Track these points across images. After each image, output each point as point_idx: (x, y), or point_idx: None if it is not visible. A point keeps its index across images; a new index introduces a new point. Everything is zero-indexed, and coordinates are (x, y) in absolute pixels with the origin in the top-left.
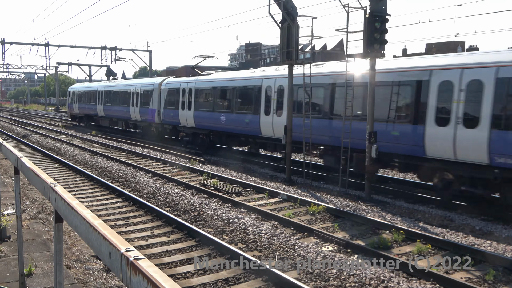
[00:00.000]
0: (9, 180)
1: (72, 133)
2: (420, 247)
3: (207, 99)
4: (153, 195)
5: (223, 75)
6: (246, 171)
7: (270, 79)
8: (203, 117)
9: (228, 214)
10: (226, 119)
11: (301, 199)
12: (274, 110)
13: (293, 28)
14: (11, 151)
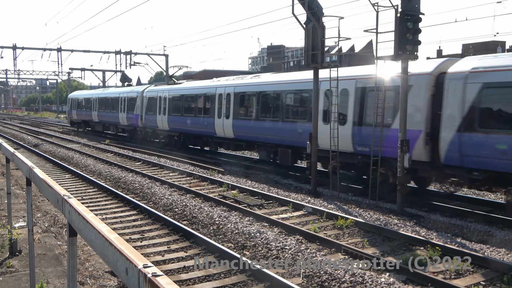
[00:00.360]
0: (20, 191)
1: (85, 142)
2: (457, 265)
3: (178, 105)
4: (169, 208)
5: (189, 84)
6: (269, 182)
7: (221, 87)
8: (175, 121)
9: (249, 228)
10: (191, 122)
11: (328, 212)
12: (224, 114)
13: (318, 29)
14: (23, 161)
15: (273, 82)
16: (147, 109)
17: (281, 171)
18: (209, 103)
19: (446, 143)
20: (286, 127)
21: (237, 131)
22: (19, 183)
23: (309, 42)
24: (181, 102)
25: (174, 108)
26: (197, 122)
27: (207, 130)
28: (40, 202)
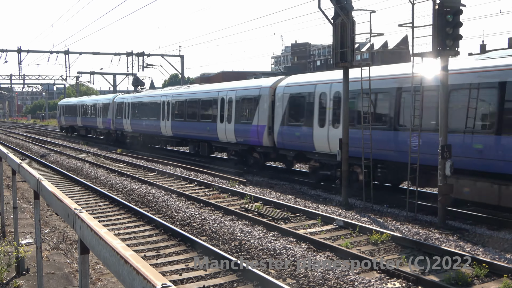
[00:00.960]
0: (26, 205)
1: (95, 151)
2: (507, 284)
3: (137, 110)
4: (187, 222)
5: (145, 93)
6: (295, 193)
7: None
8: (135, 123)
9: (275, 244)
10: (146, 124)
11: (361, 226)
12: (166, 117)
13: (347, 24)
14: (30, 173)
15: (192, 92)
16: (116, 114)
17: (308, 181)
18: (154, 109)
19: (276, 133)
20: (202, 126)
21: (175, 131)
22: (25, 196)
23: (338, 39)
24: (139, 108)
25: (135, 113)
26: (149, 124)
27: (156, 130)
28: (48, 216)
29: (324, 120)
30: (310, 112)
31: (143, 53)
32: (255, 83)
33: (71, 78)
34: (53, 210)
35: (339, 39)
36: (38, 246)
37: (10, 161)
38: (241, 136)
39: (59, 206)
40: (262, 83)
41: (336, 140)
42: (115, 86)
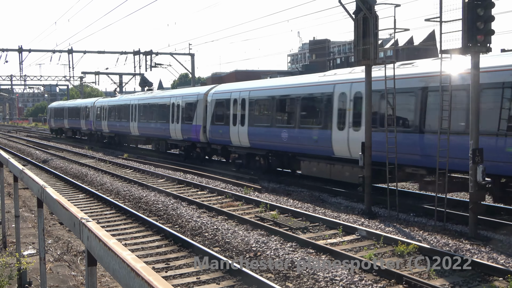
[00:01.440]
0: (28, 214)
1: (100, 156)
2: None
3: (112, 113)
4: (198, 232)
5: (120, 97)
6: (314, 200)
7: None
8: (111, 124)
9: (292, 256)
10: (119, 125)
11: (385, 236)
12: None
13: (370, 19)
14: (33, 179)
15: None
16: (96, 116)
17: (328, 188)
18: (125, 112)
19: (208, 131)
20: (160, 126)
21: (141, 131)
22: (27, 204)
23: (360, 35)
24: (113, 111)
25: (110, 115)
26: (121, 125)
27: (127, 130)
28: (52, 226)
29: (235, 121)
30: (227, 114)
31: (151, 52)
32: (195, 90)
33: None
34: (57, 219)
35: (361, 35)
36: (41, 258)
37: (11, 167)
38: (185, 134)
39: (64, 215)
40: (199, 91)
41: (243, 135)
42: (121, 87)
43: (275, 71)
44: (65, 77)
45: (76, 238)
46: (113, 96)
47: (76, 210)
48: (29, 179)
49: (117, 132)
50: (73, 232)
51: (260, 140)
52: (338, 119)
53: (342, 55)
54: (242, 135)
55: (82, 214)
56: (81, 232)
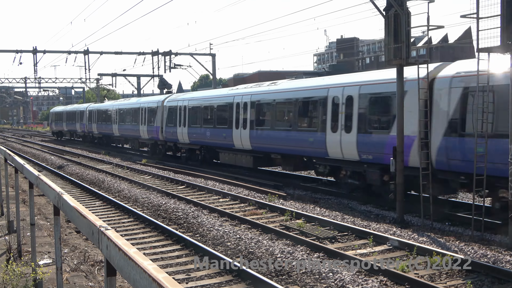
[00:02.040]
0: (43, 222)
1: (117, 162)
2: None
3: (101, 117)
4: (220, 241)
5: (107, 103)
6: (342, 208)
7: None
8: (100, 127)
9: (320, 267)
10: (104, 127)
11: (419, 247)
12: (117, 122)
13: (402, 16)
14: (50, 186)
15: (125, 103)
16: (88, 120)
17: (358, 195)
18: (108, 115)
19: (164, 131)
20: (132, 128)
21: (120, 132)
22: (42, 212)
23: (391, 33)
24: (102, 115)
25: (100, 118)
26: (106, 127)
27: (110, 132)
28: (68, 234)
29: (181, 123)
30: (176, 118)
31: (170, 52)
32: (156, 98)
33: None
34: (73, 227)
35: (392, 33)
36: (58, 267)
37: (27, 173)
38: (150, 134)
39: (82, 223)
40: (160, 98)
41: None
42: (139, 89)
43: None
44: (81, 79)
45: (93, 247)
46: (102, 102)
47: (94, 218)
48: (45, 186)
49: (104, 133)
50: (91, 241)
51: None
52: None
53: (372, 54)
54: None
55: (101, 222)
56: (99, 241)
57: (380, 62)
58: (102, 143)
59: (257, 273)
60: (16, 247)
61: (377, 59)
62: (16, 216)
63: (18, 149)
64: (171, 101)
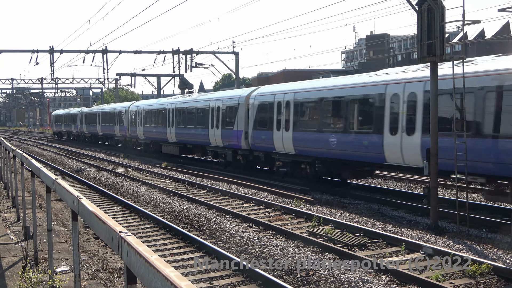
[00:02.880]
0: (60, 228)
1: (136, 165)
2: None
3: (91, 119)
4: (244, 248)
5: (96, 107)
6: (372, 214)
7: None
8: (89, 128)
9: (349, 276)
10: (92, 128)
11: (455, 254)
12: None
13: (435, 10)
14: (68, 190)
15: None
16: (81, 121)
17: (389, 200)
18: (93, 118)
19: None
20: (107, 128)
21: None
22: (59, 217)
23: (424, 28)
24: (92, 117)
25: (90, 120)
26: (92, 128)
27: (94, 131)
28: (85, 241)
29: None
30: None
31: (191, 51)
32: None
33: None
34: (91, 233)
35: (425, 29)
36: (76, 275)
37: (44, 177)
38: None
39: (101, 229)
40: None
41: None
42: (159, 90)
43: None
44: (99, 79)
45: (112, 254)
46: (91, 106)
47: (114, 223)
48: (63, 190)
49: (92, 133)
50: (110, 247)
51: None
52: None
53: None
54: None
55: (121, 228)
56: (119, 247)
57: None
58: (90, 141)
59: (282, 282)
60: (33, 254)
61: (409, 56)
62: (32, 222)
63: (35, 152)
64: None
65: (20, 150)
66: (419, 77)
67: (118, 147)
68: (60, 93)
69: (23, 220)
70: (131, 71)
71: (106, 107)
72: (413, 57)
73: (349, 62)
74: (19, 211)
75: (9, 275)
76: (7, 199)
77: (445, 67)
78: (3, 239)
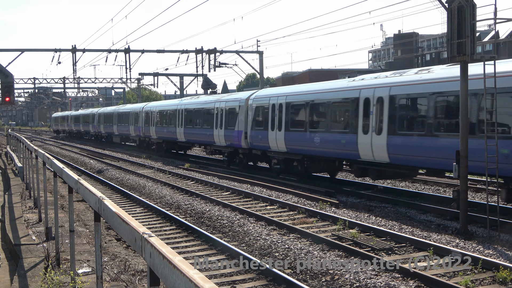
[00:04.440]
0: (82, 229)
1: (159, 166)
2: None
3: (77, 120)
4: (267, 251)
5: (85, 110)
6: (399, 217)
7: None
8: (76, 126)
9: (375, 281)
10: (83, 126)
11: (485, 260)
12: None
13: (466, 8)
14: (90, 191)
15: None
16: (98, 122)
17: (416, 203)
18: (85, 119)
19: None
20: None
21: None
22: (81, 218)
23: (454, 27)
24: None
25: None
26: (84, 127)
27: (87, 129)
28: (107, 242)
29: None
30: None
31: (214, 50)
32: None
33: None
34: (113, 235)
35: (456, 27)
36: (98, 276)
37: (66, 177)
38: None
39: (124, 230)
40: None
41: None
42: (182, 89)
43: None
44: (121, 79)
45: (134, 256)
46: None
47: (137, 224)
48: (85, 190)
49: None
50: (133, 248)
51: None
52: None
53: (433, 50)
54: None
55: (144, 229)
56: (142, 249)
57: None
58: (73, 136)
59: (307, 286)
60: (55, 255)
61: (439, 55)
62: (54, 223)
63: (56, 152)
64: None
65: (42, 150)
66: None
67: (133, 147)
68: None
69: (45, 220)
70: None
71: (122, 108)
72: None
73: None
74: (41, 212)
75: (31, 276)
76: (29, 199)
77: None
78: (25, 240)
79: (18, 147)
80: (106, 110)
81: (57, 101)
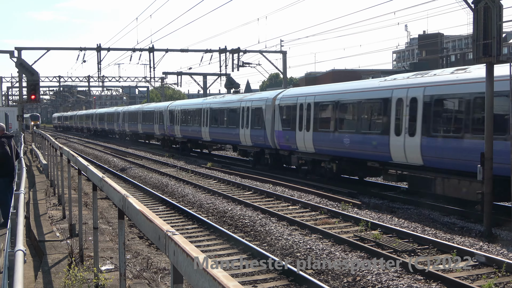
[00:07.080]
0: (105, 226)
1: (182, 165)
2: None
3: (68, 119)
4: (289, 251)
5: (81, 111)
6: (422, 219)
7: None
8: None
9: (397, 282)
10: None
11: (508, 263)
12: None
13: (492, 9)
14: (115, 188)
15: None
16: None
17: (440, 205)
18: (82, 118)
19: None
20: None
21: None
22: (104, 216)
23: (480, 28)
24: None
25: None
26: (83, 124)
27: (85, 125)
28: (130, 240)
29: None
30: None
31: (238, 50)
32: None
33: (156, 80)
34: (136, 232)
35: (482, 28)
36: (122, 273)
37: (91, 175)
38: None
39: (148, 227)
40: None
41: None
42: (205, 89)
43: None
44: (145, 77)
45: (156, 254)
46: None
47: (161, 222)
48: (110, 188)
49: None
50: (157, 246)
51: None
52: None
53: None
54: None
55: (168, 227)
56: (166, 246)
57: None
58: (63, 130)
59: (327, 286)
60: (78, 252)
61: (464, 56)
62: (78, 220)
63: (80, 150)
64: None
65: (66, 148)
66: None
67: (157, 145)
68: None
69: (69, 217)
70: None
71: (147, 107)
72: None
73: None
74: (65, 209)
75: (55, 272)
76: (54, 196)
77: None
78: (49, 236)
79: (43, 145)
80: (131, 109)
81: (81, 99)
